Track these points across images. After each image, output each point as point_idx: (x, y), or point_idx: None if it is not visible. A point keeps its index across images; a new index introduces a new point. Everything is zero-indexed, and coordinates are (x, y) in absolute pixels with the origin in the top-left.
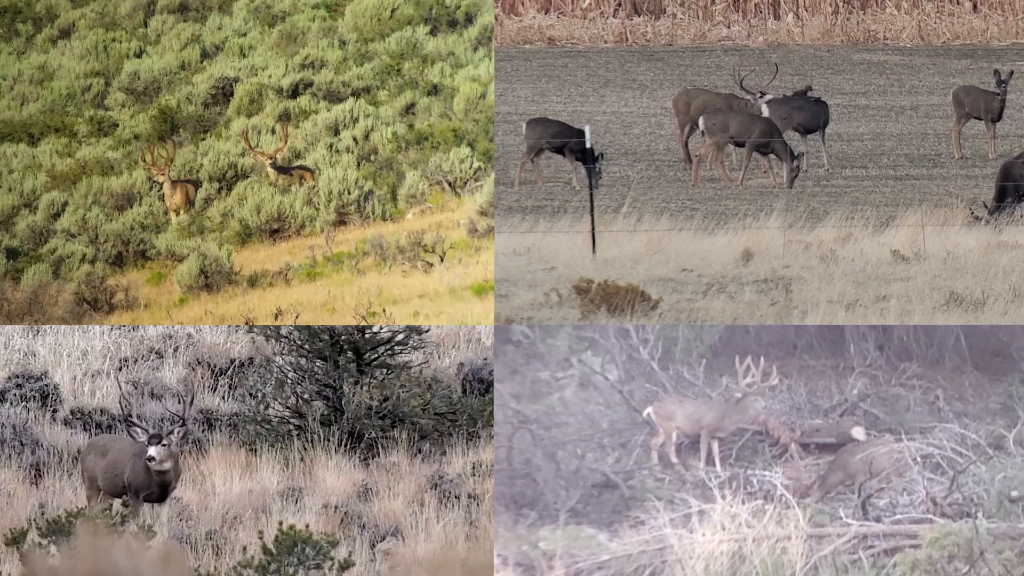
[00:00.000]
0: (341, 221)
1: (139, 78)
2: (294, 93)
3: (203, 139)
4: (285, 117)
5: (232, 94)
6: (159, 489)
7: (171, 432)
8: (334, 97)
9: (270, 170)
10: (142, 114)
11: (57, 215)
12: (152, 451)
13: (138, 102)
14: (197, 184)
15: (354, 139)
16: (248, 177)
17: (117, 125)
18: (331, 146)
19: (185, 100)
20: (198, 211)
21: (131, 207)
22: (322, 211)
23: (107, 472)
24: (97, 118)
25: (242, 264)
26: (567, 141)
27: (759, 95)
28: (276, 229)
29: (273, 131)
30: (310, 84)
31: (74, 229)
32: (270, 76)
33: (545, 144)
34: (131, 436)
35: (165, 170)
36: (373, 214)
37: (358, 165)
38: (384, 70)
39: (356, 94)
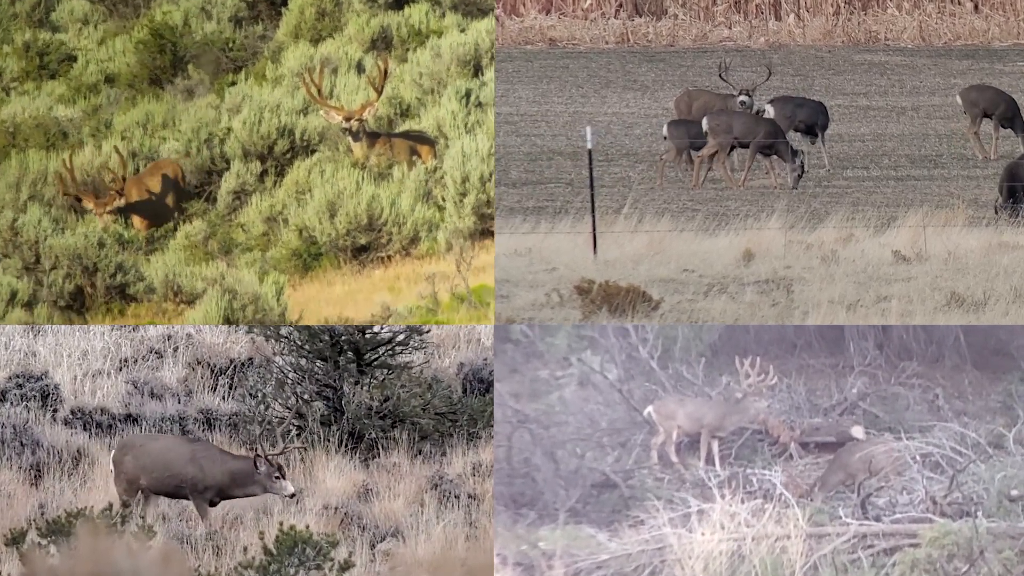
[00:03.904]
0: (485, 231)
1: None
2: (399, 0)
3: (231, 84)
4: (382, 43)
5: (284, 1)
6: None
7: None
8: (470, 6)
9: (354, 141)
10: (120, 37)
11: None
12: (291, 487)
13: (113, 16)
14: (170, 201)
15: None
16: (315, 152)
17: (75, 58)
18: (467, 96)
19: (198, 12)
20: (221, 214)
21: None
22: (450, 213)
23: (154, 472)
24: (38, 46)
25: (303, 308)
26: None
27: (739, 92)
28: (365, 246)
29: (360, 69)
30: None
31: None
32: None
33: (691, 144)
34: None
35: (111, 202)
36: None
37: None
38: None
39: None
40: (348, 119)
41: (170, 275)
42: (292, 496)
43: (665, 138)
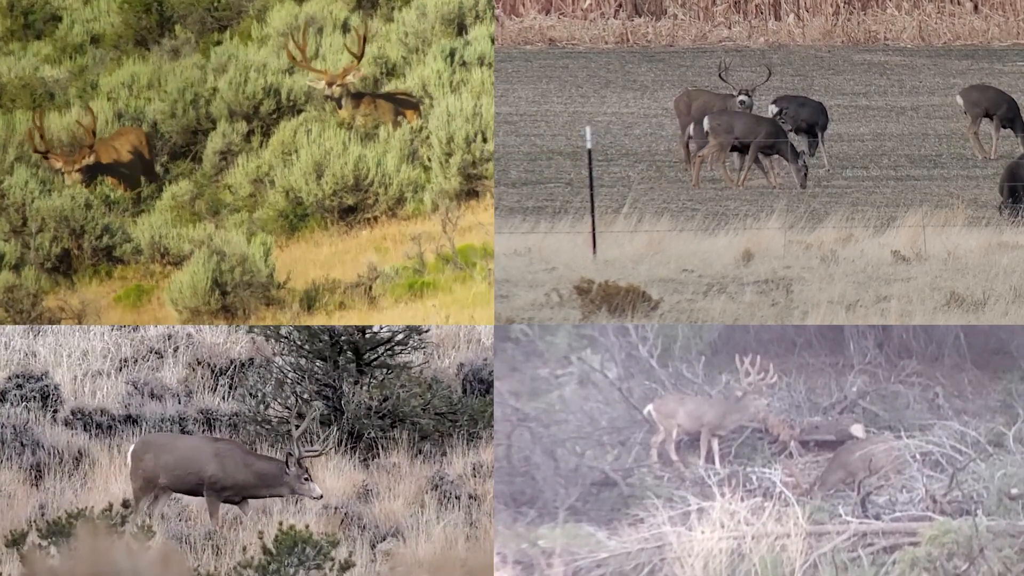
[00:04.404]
0: (471, 191)
1: None
2: None
3: (217, 44)
4: (367, 2)
5: None
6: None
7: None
8: None
9: (338, 108)
10: None
11: None
12: (319, 489)
13: None
14: (139, 163)
15: (494, 42)
16: (301, 113)
17: (60, 18)
18: (451, 55)
19: None
20: (208, 175)
21: None
22: (436, 173)
23: (176, 470)
24: (22, 5)
25: (290, 269)
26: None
27: (738, 92)
28: (351, 207)
29: (345, 29)
30: None
31: None
32: None
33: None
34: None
35: (80, 159)
36: None
37: None
38: None
39: None
40: (330, 84)
41: (157, 236)
42: (319, 498)
43: (691, 138)
